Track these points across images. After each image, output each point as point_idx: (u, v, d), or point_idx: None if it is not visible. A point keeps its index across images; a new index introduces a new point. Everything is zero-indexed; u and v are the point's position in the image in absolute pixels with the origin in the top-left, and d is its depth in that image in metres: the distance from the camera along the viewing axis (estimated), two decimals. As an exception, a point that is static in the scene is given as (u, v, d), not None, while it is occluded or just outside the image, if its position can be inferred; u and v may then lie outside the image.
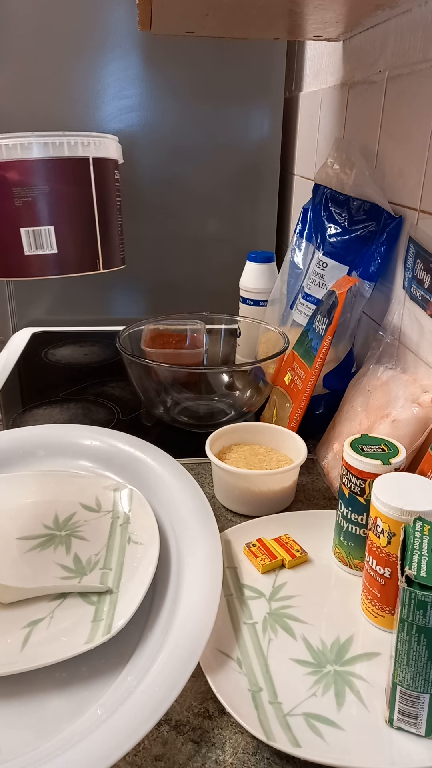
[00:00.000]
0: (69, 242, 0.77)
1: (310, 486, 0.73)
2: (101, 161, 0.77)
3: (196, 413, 0.89)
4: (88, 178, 0.75)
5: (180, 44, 1.08)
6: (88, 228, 0.78)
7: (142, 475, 0.67)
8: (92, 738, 0.39)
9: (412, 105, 0.70)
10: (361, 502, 0.55)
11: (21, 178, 0.72)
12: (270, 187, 1.21)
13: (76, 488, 0.66)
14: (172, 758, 0.41)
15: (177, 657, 0.44)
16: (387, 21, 0.77)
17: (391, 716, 0.42)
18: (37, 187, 0.73)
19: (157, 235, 1.21)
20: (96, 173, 0.76)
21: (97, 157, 0.76)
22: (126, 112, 1.12)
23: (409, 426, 0.63)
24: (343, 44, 0.94)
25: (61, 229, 0.76)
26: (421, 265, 0.67)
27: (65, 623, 0.50)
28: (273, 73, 1.14)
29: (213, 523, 0.57)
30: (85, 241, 0.78)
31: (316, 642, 0.50)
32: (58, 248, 0.76)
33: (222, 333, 1.00)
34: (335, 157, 0.87)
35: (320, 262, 0.86)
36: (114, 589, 0.53)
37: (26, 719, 0.43)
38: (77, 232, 0.77)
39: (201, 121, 1.14)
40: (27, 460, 0.71)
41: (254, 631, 0.50)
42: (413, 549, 0.42)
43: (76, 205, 0.76)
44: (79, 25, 1.05)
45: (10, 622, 0.50)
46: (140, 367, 0.82)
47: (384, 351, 0.74)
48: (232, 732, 0.43)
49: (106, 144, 0.78)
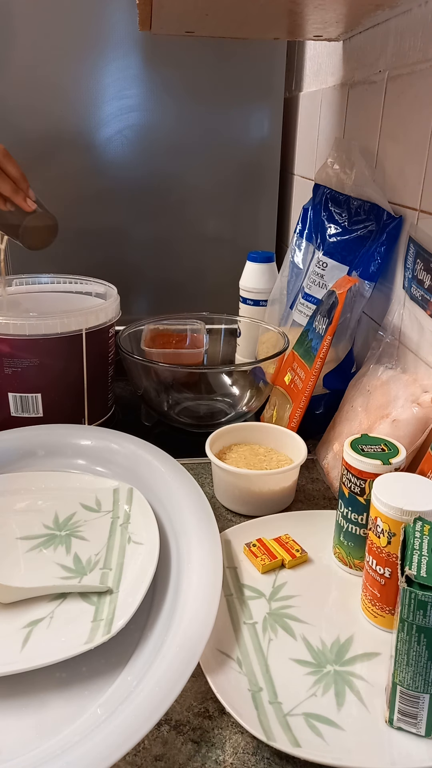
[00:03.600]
0: (55, 407, 0.80)
1: (310, 486, 0.73)
2: (95, 332, 0.79)
3: (196, 413, 0.89)
4: (79, 350, 0.78)
5: (180, 44, 1.08)
6: (75, 393, 0.81)
7: (142, 475, 0.67)
8: (92, 738, 0.39)
9: (412, 105, 0.70)
10: (361, 502, 0.55)
11: (12, 351, 0.76)
12: (270, 187, 1.21)
13: (76, 488, 0.66)
14: (172, 758, 0.41)
15: (177, 657, 0.44)
16: (387, 21, 0.77)
17: (391, 716, 0.42)
18: (28, 360, 0.76)
19: (157, 234, 1.21)
20: (89, 343, 0.79)
21: (91, 330, 0.78)
22: (126, 112, 1.12)
23: (409, 426, 0.63)
24: (343, 44, 0.94)
25: (48, 397, 0.79)
26: (421, 265, 0.67)
27: (65, 623, 0.50)
28: (273, 73, 1.14)
29: (213, 523, 0.57)
30: (72, 405, 0.82)
31: (316, 642, 0.50)
32: (44, 412, 0.79)
33: (222, 333, 1.00)
34: (335, 157, 0.87)
35: (320, 262, 0.86)
36: (114, 589, 0.53)
37: (26, 719, 0.43)
38: (64, 399, 0.80)
39: (201, 121, 1.14)
40: (27, 460, 0.71)
41: (254, 631, 0.50)
42: (413, 549, 0.42)
43: (65, 375, 0.79)
44: (79, 25, 1.05)
45: (10, 622, 0.50)
46: (140, 367, 0.82)
47: (384, 351, 0.74)
48: (232, 732, 0.43)
49: (105, 309, 0.80)
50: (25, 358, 0.76)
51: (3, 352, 0.76)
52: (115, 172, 1.15)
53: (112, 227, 1.18)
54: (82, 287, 0.93)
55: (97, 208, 1.17)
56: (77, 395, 0.81)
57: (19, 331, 0.74)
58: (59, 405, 0.80)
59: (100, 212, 1.17)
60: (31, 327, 0.74)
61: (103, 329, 0.80)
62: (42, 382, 0.78)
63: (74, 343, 0.78)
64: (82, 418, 0.83)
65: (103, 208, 1.17)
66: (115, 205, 1.17)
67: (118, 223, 1.18)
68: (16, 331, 0.74)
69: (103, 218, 1.18)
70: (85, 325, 0.77)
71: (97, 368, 0.82)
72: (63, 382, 0.79)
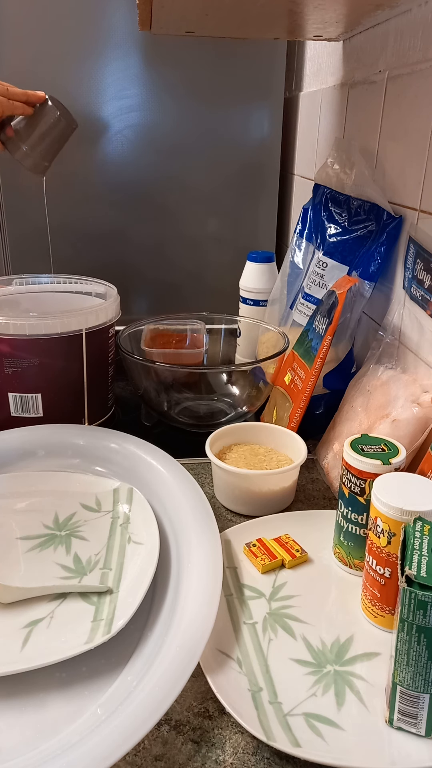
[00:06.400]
0: (55, 407, 0.80)
1: (310, 486, 0.73)
2: (95, 332, 0.79)
3: (196, 413, 0.89)
4: (79, 349, 0.78)
5: (180, 44, 1.08)
6: (75, 393, 0.81)
7: (142, 475, 0.67)
8: (92, 738, 0.39)
9: (412, 105, 0.70)
10: (361, 502, 0.55)
11: (12, 351, 0.76)
12: (270, 187, 1.21)
13: (76, 488, 0.66)
14: (172, 758, 0.41)
15: (177, 657, 0.44)
16: (387, 21, 0.77)
17: (391, 716, 0.42)
18: (28, 360, 0.76)
19: (157, 234, 1.21)
20: (89, 343, 0.79)
21: (91, 330, 0.78)
22: (126, 112, 1.12)
23: (409, 426, 0.63)
24: (343, 44, 0.94)
25: (48, 397, 0.79)
26: (421, 265, 0.67)
27: (65, 623, 0.50)
28: (273, 73, 1.14)
29: (213, 523, 0.57)
30: (71, 405, 0.82)
31: (316, 642, 0.50)
32: (44, 412, 0.79)
33: (222, 333, 1.00)
34: (335, 157, 0.87)
35: (320, 262, 0.86)
36: (114, 589, 0.53)
37: (26, 719, 0.43)
38: (64, 399, 0.80)
39: (201, 121, 1.14)
40: (27, 460, 0.71)
41: (254, 631, 0.50)
42: (413, 549, 0.42)
43: (65, 375, 0.79)
44: (79, 25, 1.05)
45: (10, 622, 0.50)
46: (140, 367, 0.82)
47: (384, 351, 0.74)
48: (232, 732, 0.43)
49: (105, 309, 0.80)
50: (25, 358, 0.76)
51: (3, 352, 0.76)
52: (115, 171, 1.15)
53: (112, 227, 1.19)
54: (82, 287, 0.93)
55: (97, 207, 1.17)
56: (77, 395, 0.81)
57: (19, 331, 0.74)
58: (59, 405, 0.80)
59: (100, 212, 1.17)
60: (31, 327, 0.74)
61: (103, 329, 0.80)
62: (42, 382, 0.78)
63: (74, 343, 0.78)
64: (82, 418, 0.83)
65: (103, 208, 1.17)
66: (115, 204, 1.17)
67: (118, 223, 1.18)
68: (16, 331, 0.74)
69: (103, 218, 1.18)
70: (85, 325, 0.77)
71: (97, 368, 0.82)
72: (63, 382, 0.79)
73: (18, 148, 0.80)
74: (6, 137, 0.79)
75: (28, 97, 0.78)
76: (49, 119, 0.79)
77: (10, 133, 0.79)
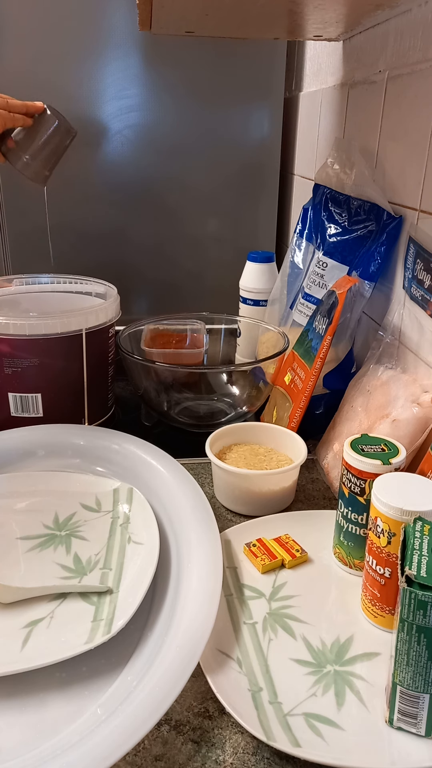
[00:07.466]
0: (55, 407, 0.80)
1: (310, 486, 0.73)
2: (95, 332, 0.79)
3: (196, 413, 0.89)
4: (79, 349, 0.78)
5: (180, 44, 1.08)
6: (75, 393, 0.81)
7: (142, 475, 0.67)
8: (92, 738, 0.39)
9: (412, 105, 0.70)
10: (361, 502, 0.55)
11: (12, 351, 0.76)
12: (270, 187, 1.21)
13: (76, 488, 0.66)
14: (172, 758, 0.41)
15: (177, 657, 0.44)
16: (387, 21, 0.77)
17: (391, 716, 0.42)
18: (28, 360, 0.76)
19: (157, 234, 1.21)
20: (89, 343, 0.79)
21: (91, 329, 0.78)
22: (126, 112, 1.12)
23: (409, 426, 0.63)
24: (343, 44, 0.94)
25: (48, 397, 0.79)
26: (421, 265, 0.67)
27: (65, 623, 0.50)
28: (273, 73, 1.14)
29: (213, 523, 0.57)
30: (71, 405, 0.82)
31: (316, 642, 0.50)
32: (44, 412, 0.79)
33: (222, 333, 1.00)
34: (335, 157, 0.87)
35: (320, 262, 0.86)
36: (114, 589, 0.53)
37: (26, 719, 0.43)
38: (64, 399, 0.80)
39: (201, 121, 1.14)
40: (27, 460, 0.71)
41: (254, 631, 0.50)
42: (413, 549, 0.42)
43: (65, 375, 0.79)
44: (79, 25, 1.05)
45: (10, 622, 0.50)
46: (140, 367, 0.82)
47: (384, 351, 0.74)
48: (232, 732, 0.43)
49: (105, 309, 0.80)
50: (25, 358, 0.76)
51: (3, 352, 0.76)
52: (115, 171, 1.15)
53: (112, 227, 1.19)
54: (82, 287, 0.93)
55: (97, 207, 1.17)
56: (77, 395, 0.81)
57: (19, 331, 0.74)
58: (59, 405, 0.80)
59: (100, 212, 1.17)
60: (31, 327, 0.74)
61: (103, 329, 0.80)
62: (42, 382, 0.78)
63: (74, 343, 0.78)
64: (82, 418, 0.83)
65: (103, 208, 1.17)
66: (115, 204, 1.17)
67: (118, 223, 1.18)
68: (16, 331, 0.74)
69: (103, 218, 1.18)
70: (85, 325, 0.77)
71: (97, 368, 0.82)
72: (63, 382, 0.79)
73: (19, 158, 0.80)
74: (7, 149, 0.80)
75: (27, 109, 0.79)
76: (49, 128, 0.80)
77: (11, 145, 0.80)
